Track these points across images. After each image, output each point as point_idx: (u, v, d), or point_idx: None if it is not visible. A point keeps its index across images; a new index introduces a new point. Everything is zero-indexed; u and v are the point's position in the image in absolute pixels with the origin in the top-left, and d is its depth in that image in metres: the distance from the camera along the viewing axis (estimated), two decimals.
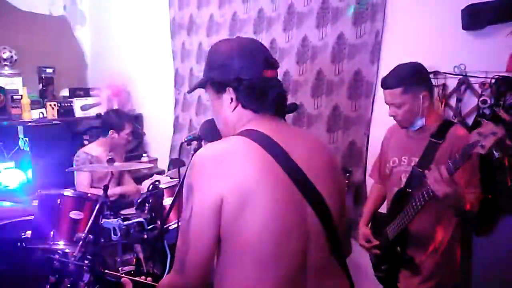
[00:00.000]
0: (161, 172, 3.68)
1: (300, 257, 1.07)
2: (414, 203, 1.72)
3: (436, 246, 1.81)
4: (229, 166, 1.03)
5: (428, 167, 1.71)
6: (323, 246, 1.11)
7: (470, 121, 2.14)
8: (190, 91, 1.35)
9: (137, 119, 3.86)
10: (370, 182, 2.53)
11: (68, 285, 1.22)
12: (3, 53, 3.61)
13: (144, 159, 3.90)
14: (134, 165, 2.90)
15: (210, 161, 1.06)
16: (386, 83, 1.83)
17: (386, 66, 2.42)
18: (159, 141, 3.93)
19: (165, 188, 2.36)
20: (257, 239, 1.03)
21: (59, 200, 2.22)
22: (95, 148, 2.94)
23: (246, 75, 1.12)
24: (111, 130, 2.91)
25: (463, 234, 1.90)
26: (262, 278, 1.04)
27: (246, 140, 1.08)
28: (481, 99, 2.05)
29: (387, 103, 1.85)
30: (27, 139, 3.33)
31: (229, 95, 1.14)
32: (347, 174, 2.51)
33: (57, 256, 1.28)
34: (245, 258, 1.04)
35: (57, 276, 1.26)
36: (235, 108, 1.15)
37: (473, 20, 2.08)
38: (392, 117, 1.87)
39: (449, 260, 1.83)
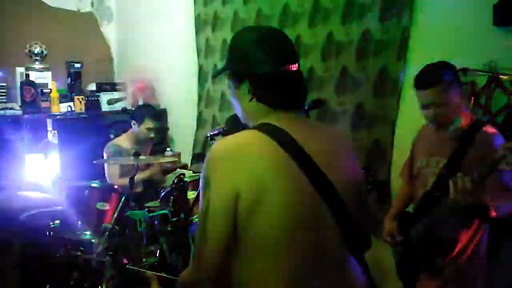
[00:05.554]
0: (184, 167, 3.73)
1: (314, 251, 1.07)
2: (440, 208, 1.69)
3: (459, 251, 1.77)
4: (243, 161, 1.04)
5: (455, 170, 1.67)
6: (337, 240, 1.11)
7: (499, 120, 2.08)
8: (215, 76, 1.35)
9: (161, 114, 3.92)
10: (394, 181, 2.50)
11: (90, 282, 1.23)
12: (34, 48, 3.72)
13: (168, 153, 3.95)
14: (158, 159, 2.95)
15: (225, 155, 1.07)
16: (424, 82, 1.73)
17: (413, 63, 2.38)
18: (183, 136, 3.97)
19: (189, 182, 2.39)
20: (271, 233, 1.03)
21: (86, 191, 2.29)
22: (124, 141, 3.05)
23: (262, 70, 1.11)
24: (133, 121, 3.10)
25: (492, 241, 1.85)
26: (276, 272, 1.04)
27: (260, 134, 1.08)
28: None
29: (424, 105, 1.76)
30: (55, 131, 3.43)
31: (246, 87, 1.15)
32: (371, 173, 2.48)
33: (79, 253, 1.29)
34: (259, 251, 1.05)
35: (79, 272, 1.28)
36: (251, 100, 1.15)
37: (506, 15, 2.02)
38: (426, 118, 1.79)
39: (472, 266, 1.79)
